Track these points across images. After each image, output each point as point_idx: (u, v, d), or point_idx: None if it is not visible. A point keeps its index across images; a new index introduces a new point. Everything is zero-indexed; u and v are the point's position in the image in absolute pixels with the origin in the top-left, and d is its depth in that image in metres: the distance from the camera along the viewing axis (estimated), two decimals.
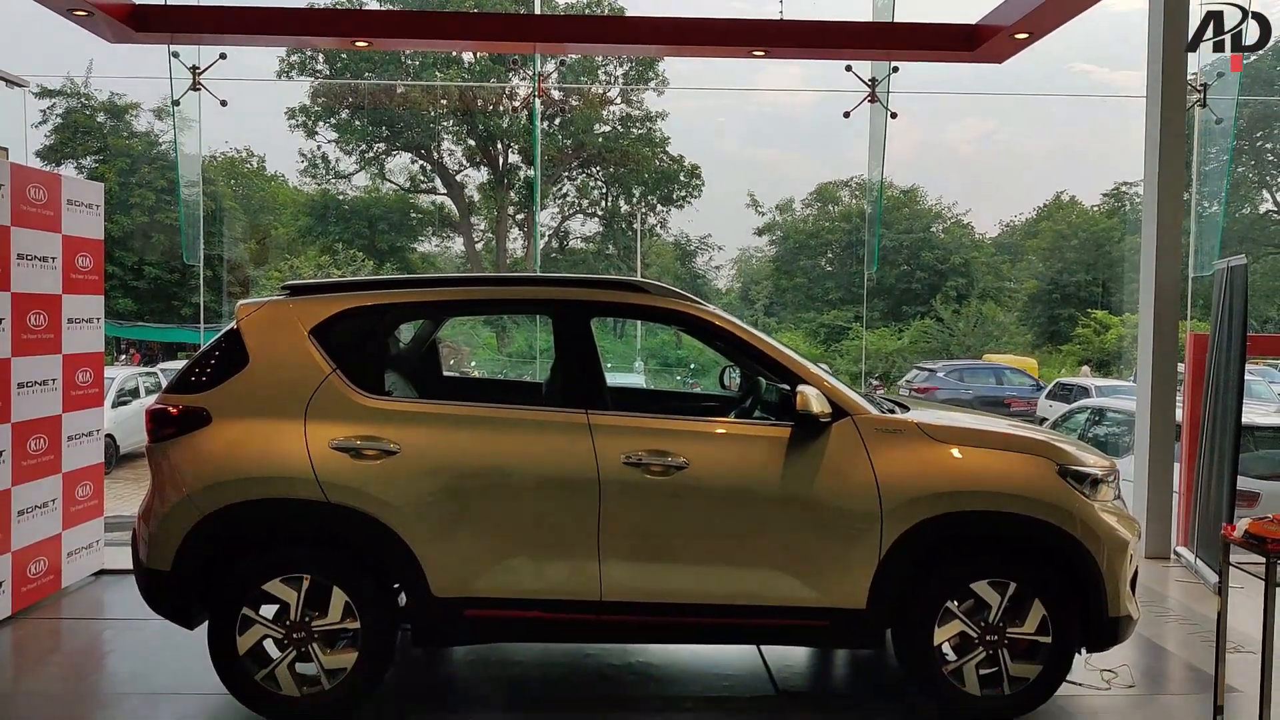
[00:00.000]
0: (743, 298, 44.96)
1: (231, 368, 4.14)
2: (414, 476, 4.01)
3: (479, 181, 37.68)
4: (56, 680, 4.69)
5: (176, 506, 4.00)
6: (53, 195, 5.80)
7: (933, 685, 4.12)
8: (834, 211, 41.99)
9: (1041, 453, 4.21)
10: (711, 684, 4.63)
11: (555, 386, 4.41)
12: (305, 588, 4.01)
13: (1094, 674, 4.72)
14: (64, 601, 5.89)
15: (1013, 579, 4.07)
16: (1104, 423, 11.17)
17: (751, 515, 4.07)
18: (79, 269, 6.06)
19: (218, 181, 32.11)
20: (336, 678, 4.04)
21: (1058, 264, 38.21)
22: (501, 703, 4.42)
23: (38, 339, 5.65)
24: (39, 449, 5.70)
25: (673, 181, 38.91)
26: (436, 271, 37.16)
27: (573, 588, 4.05)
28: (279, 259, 33.56)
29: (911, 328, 36.15)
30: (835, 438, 4.11)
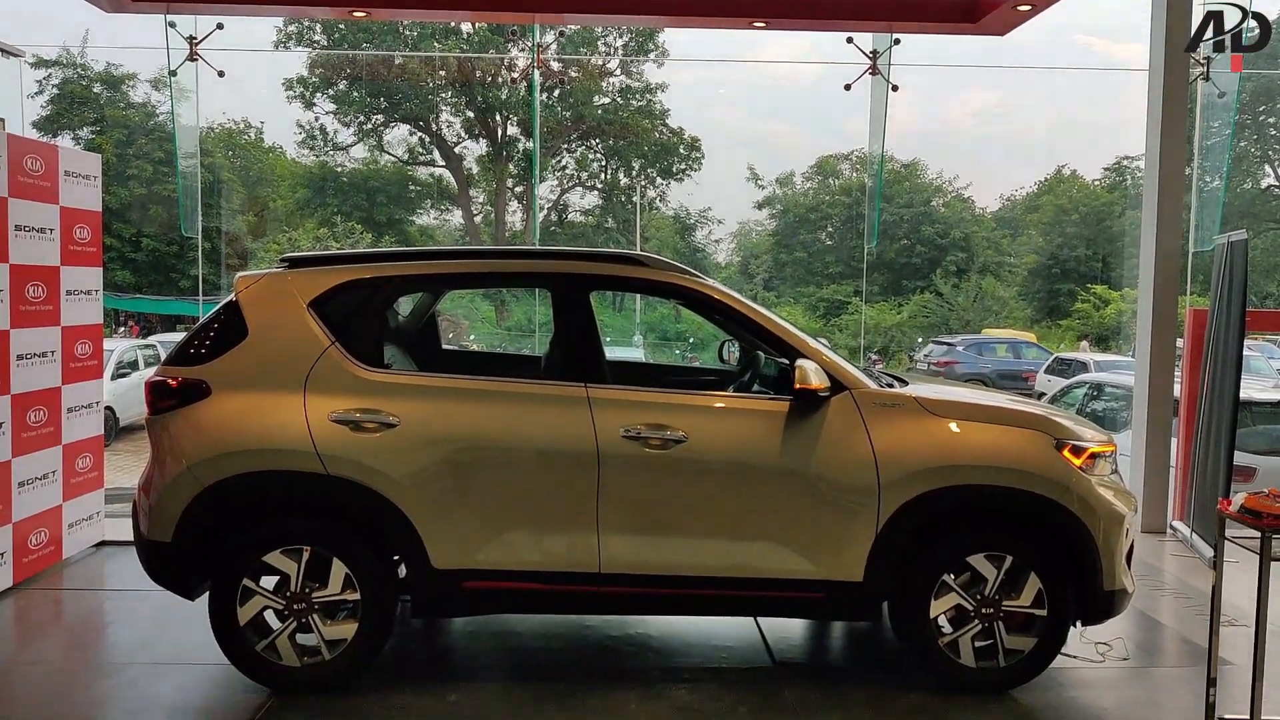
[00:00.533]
0: (742, 271, 44.88)
1: (230, 340, 4.14)
2: (413, 449, 4.02)
3: (478, 154, 37.49)
4: (58, 650, 4.73)
5: (176, 478, 4.01)
6: (50, 166, 5.77)
7: (929, 657, 4.15)
8: (834, 185, 41.82)
9: (1038, 427, 4.22)
10: (709, 655, 4.67)
11: (554, 360, 4.41)
12: (305, 559, 4.03)
13: (1089, 647, 4.76)
14: (65, 572, 5.92)
15: (1009, 552, 4.10)
16: (1102, 397, 11.20)
17: (750, 489, 4.08)
18: (77, 241, 6.04)
19: (215, 153, 31.93)
20: (337, 648, 4.07)
21: (1058, 238, 38.13)
22: (501, 673, 4.45)
23: (36, 311, 5.64)
24: (39, 421, 5.70)
25: (672, 154, 38.71)
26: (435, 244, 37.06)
27: (572, 560, 4.08)
28: (277, 231, 33.45)
29: (911, 302, 36.12)
30: (833, 412, 4.12)
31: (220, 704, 4.01)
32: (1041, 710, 4.06)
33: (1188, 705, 4.13)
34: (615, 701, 4.09)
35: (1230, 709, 3.98)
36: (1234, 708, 3.99)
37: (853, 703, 4.10)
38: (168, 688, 4.18)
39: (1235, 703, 4.05)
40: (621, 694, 4.17)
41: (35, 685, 4.27)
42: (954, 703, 4.09)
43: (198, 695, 4.10)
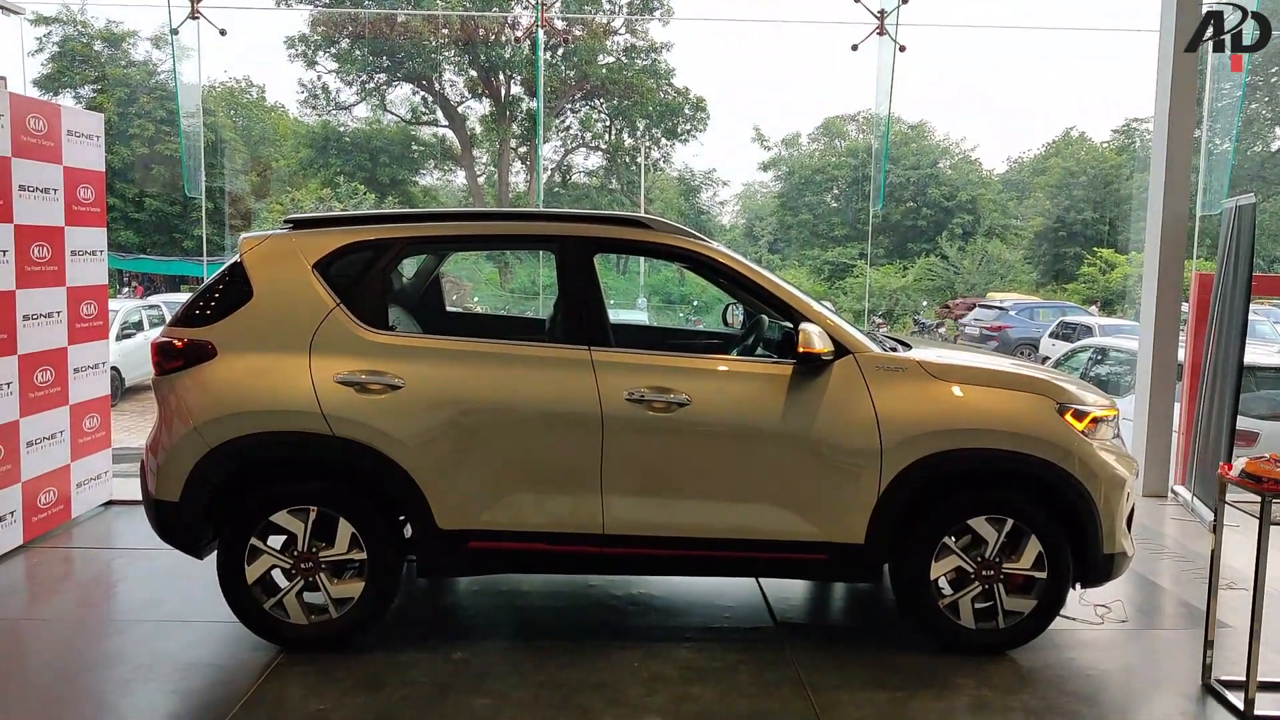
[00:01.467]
0: (747, 234, 44.70)
1: (236, 301, 4.14)
2: (418, 411, 4.04)
3: (481, 114, 37.20)
4: (69, 607, 4.80)
5: (183, 439, 4.04)
6: (53, 126, 5.74)
7: (929, 619, 4.20)
8: (840, 146, 41.50)
9: (1042, 391, 4.23)
10: (711, 615, 4.72)
11: (558, 323, 4.42)
12: (312, 519, 4.07)
13: (1088, 609, 4.81)
14: (74, 531, 5.98)
15: (1010, 515, 4.13)
16: (1106, 362, 11.19)
17: (752, 452, 4.10)
18: (81, 201, 6.03)
19: (217, 112, 31.72)
20: (343, 607, 4.12)
21: (1065, 201, 37.87)
22: (505, 632, 4.51)
23: (41, 271, 5.65)
24: (46, 381, 5.73)
25: (677, 114, 38.39)
26: (438, 205, 36.93)
27: (575, 521, 4.11)
28: (280, 191, 33.32)
29: (916, 265, 35.99)
30: (837, 375, 4.13)
31: (229, 660, 4.07)
32: (1040, 671, 4.11)
33: (1185, 667, 4.18)
34: (618, 660, 4.14)
35: (1227, 670, 4.03)
36: (1230, 669, 4.03)
37: (853, 663, 4.15)
38: (177, 644, 4.24)
39: (1232, 665, 4.10)
40: (624, 653, 4.22)
41: (47, 640, 4.33)
42: (953, 663, 4.14)
43: (207, 651, 4.16)
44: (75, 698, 3.77)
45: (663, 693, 3.83)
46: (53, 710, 3.65)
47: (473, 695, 3.79)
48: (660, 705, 3.72)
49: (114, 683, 3.91)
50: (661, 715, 3.64)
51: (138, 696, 3.76)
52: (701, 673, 4.03)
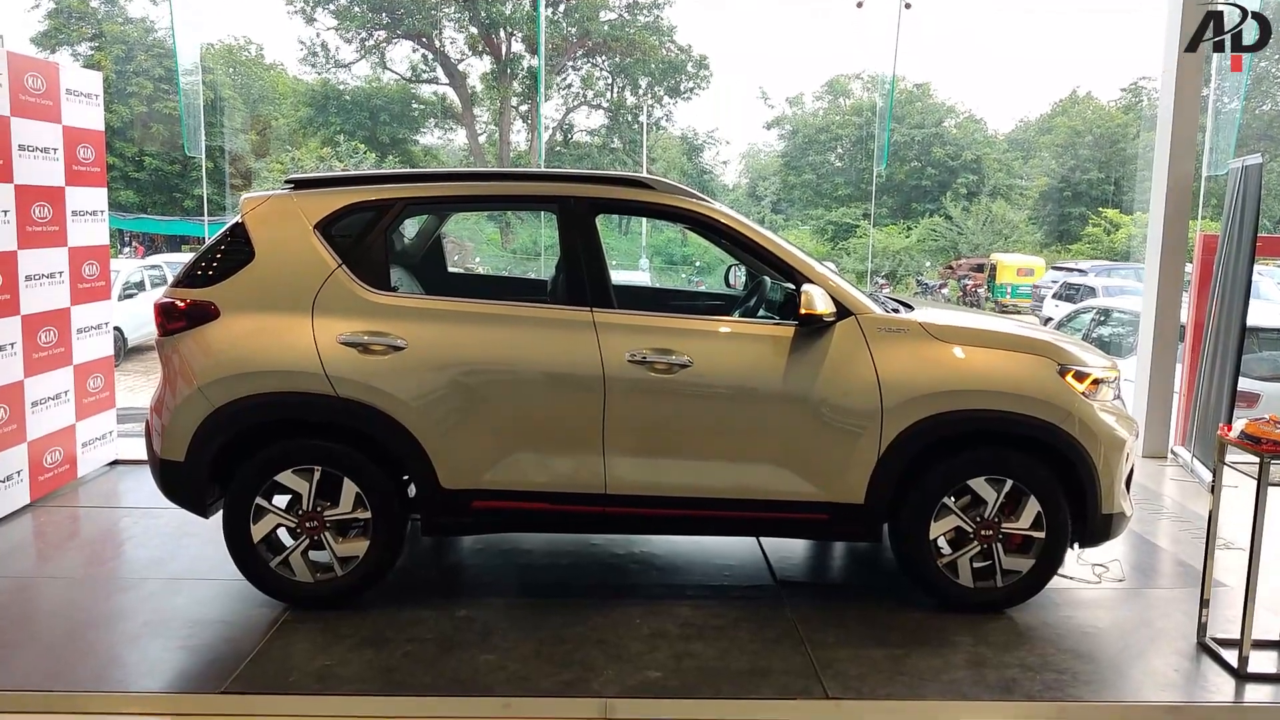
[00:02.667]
0: (750, 194, 44.44)
1: (238, 262, 4.14)
2: (421, 372, 4.05)
3: (481, 71, 36.83)
4: (77, 564, 4.85)
5: (188, 399, 4.06)
6: (51, 85, 5.70)
7: (927, 578, 4.24)
8: (845, 105, 41.11)
9: (1043, 353, 4.23)
10: (712, 574, 4.77)
11: (560, 284, 4.41)
12: (316, 479, 4.10)
13: (1085, 568, 4.86)
14: (80, 490, 6.03)
15: (1009, 476, 4.15)
16: (1109, 323, 11.17)
17: (754, 413, 4.12)
18: (81, 161, 6.00)
19: (216, 70, 31.41)
20: (349, 565, 4.17)
21: (1070, 161, 37.60)
22: (508, 589, 4.56)
23: (43, 231, 5.64)
24: (49, 342, 5.75)
25: (680, 72, 38.00)
26: (439, 165, 36.70)
27: (578, 481, 4.14)
28: (280, 151, 33.12)
29: (920, 225, 35.84)
30: (839, 337, 4.14)
31: (237, 617, 4.13)
32: (1037, 628, 4.16)
33: (1180, 625, 4.23)
34: (619, 615, 4.19)
35: (1222, 629, 4.08)
36: (1225, 628, 4.09)
37: (852, 620, 4.20)
38: (185, 601, 4.30)
39: (1227, 623, 4.15)
40: (626, 609, 4.27)
41: (56, 597, 4.39)
42: (951, 621, 4.19)
43: (214, 608, 4.21)
44: (86, 652, 3.83)
45: (664, 649, 3.89)
46: (64, 664, 3.71)
47: (477, 651, 3.84)
48: (661, 661, 3.78)
49: (123, 638, 3.96)
50: (662, 671, 3.70)
51: (147, 651, 3.82)
52: (702, 629, 4.08)
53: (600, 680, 3.62)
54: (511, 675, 3.65)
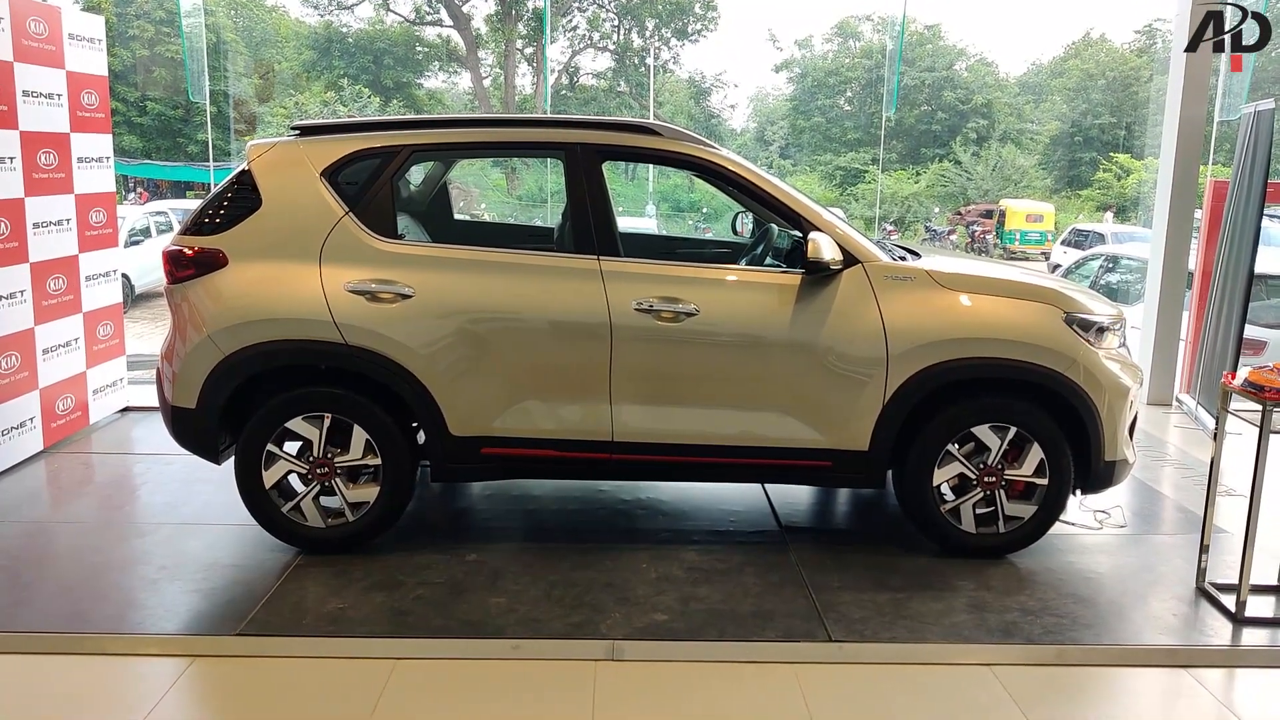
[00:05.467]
0: (758, 138, 43.99)
1: (245, 209, 4.14)
2: (429, 319, 4.07)
3: (486, 13, 36.28)
4: (91, 510, 4.93)
5: (198, 347, 4.08)
6: (53, 29, 5.64)
7: (931, 524, 4.29)
8: (855, 48, 40.47)
9: (1049, 300, 4.23)
10: (718, 519, 4.84)
11: (567, 232, 4.41)
12: (327, 425, 4.14)
13: (1087, 515, 4.90)
14: (93, 437, 6.10)
15: (1013, 423, 4.18)
16: (1117, 270, 11.12)
17: (760, 361, 4.14)
18: (85, 106, 5.97)
19: (217, 13, 30.97)
20: (359, 510, 4.23)
21: (1082, 105, 37.08)
22: (517, 534, 4.63)
23: (49, 178, 5.63)
24: (58, 289, 5.77)
25: (687, 14, 37.39)
26: (444, 109, 36.34)
27: (585, 428, 4.18)
28: (284, 95, 32.79)
29: (929, 171, 35.49)
30: (845, 285, 4.13)
31: (249, 561, 4.20)
32: (1038, 573, 4.22)
33: (1179, 570, 4.28)
34: (627, 560, 4.26)
35: (1221, 575, 4.14)
36: (1224, 573, 4.14)
37: (855, 565, 4.26)
38: (199, 545, 4.37)
39: (1226, 569, 4.20)
40: (633, 554, 4.34)
41: (71, 542, 4.47)
42: (953, 566, 4.25)
43: (228, 553, 4.29)
44: (105, 595, 3.91)
45: (670, 592, 3.96)
46: (84, 607, 3.79)
47: (487, 594, 3.92)
48: (668, 604, 3.85)
49: (140, 582, 4.04)
50: (669, 614, 3.77)
51: (164, 595, 3.90)
52: (708, 573, 4.15)
53: (608, 623, 3.69)
54: (521, 618, 3.72)
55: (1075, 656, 3.55)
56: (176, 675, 3.33)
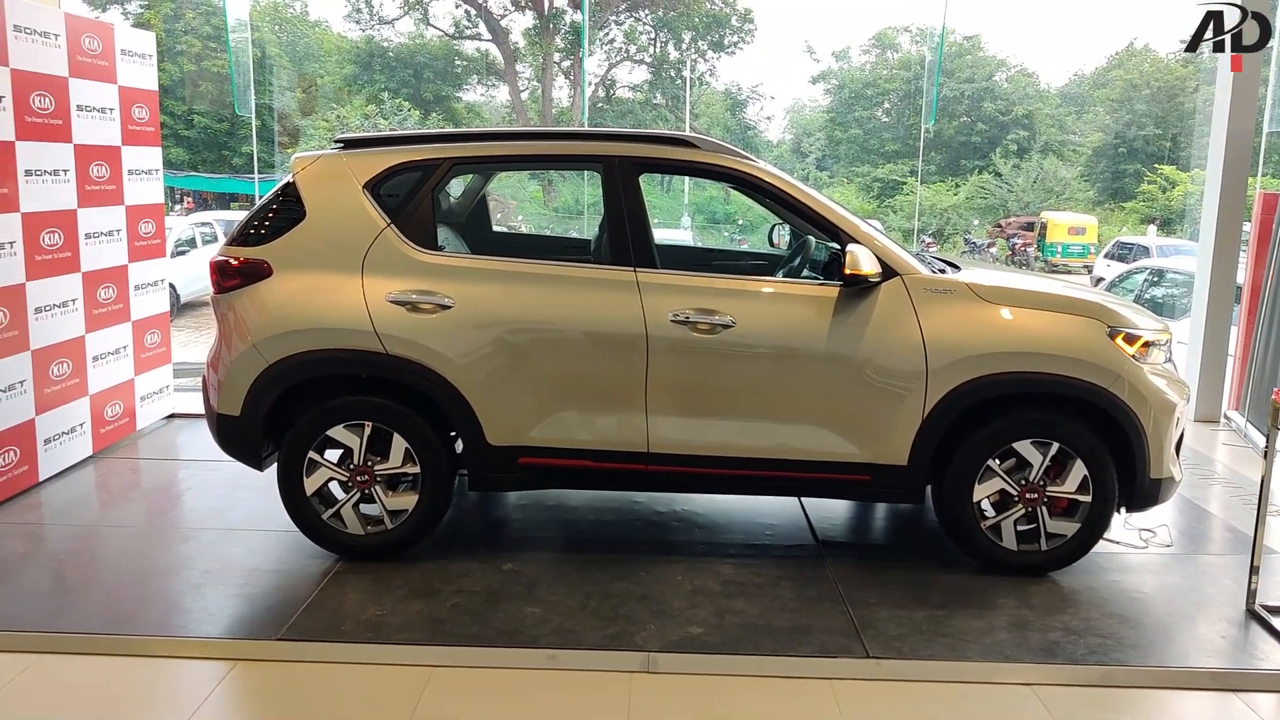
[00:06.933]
0: (794, 150, 43.89)
1: (289, 221, 4.21)
2: (468, 330, 4.11)
3: (524, 27, 36.61)
4: (138, 515, 5.02)
5: (243, 355, 4.15)
6: (107, 45, 5.78)
7: (970, 540, 4.24)
8: (892, 59, 40.28)
9: (1092, 314, 4.17)
10: (754, 532, 4.82)
11: (604, 243, 4.43)
12: (367, 434, 4.19)
13: (1132, 533, 4.82)
14: (139, 443, 6.22)
15: (1056, 439, 4.12)
16: (1163, 284, 10.95)
17: (797, 373, 4.12)
18: (136, 120, 6.10)
19: (262, 28, 31.56)
20: (398, 518, 4.27)
21: (1126, 116, 36.57)
22: (553, 544, 4.64)
23: (101, 190, 5.76)
24: (108, 298, 5.90)
25: (724, 26, 37.46)
26: (482, 122, 36.69)
27: (621, 439, 4.19)
28: (325, 108, 33.30)
29: (968, 183, 35.19)
30: (884, 298, 4.11)
31: (290, 567, 4.26)
32: (1081, 592, 4.15)
33: (1229, 591, 4.19)
34: (662, 572, 4.26)
35: (1272, 596, 4.05)
36: (1275, 595, 4.05)
37: (893, 581, 4.22)
38: (241, 550, 4.44)
39: (1277, 590, 4.11)
40: (668, 566, 4.33)
41: (118, 546, 4.55)
42: (994, 584, 4.19)
43: (269, 559, 4.34)
44: (150, 599, 3.98)
45: (706, 605, 3.94)
46: (129, 610, 3.86)
47: (523, 604, 3.93)
48: (703, 618, 3.84)
49: (184, 586, 4.11)
50: (704, 627, 3.76)
51: (207, 599, 3.96)
52: (744, 587, 4.13)
53: (643, 635, 3.69)
54: (556, 628, 3.73)
55: (1120, 678, 3.48)
56: (219, 678, 3.38)
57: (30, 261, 5.15)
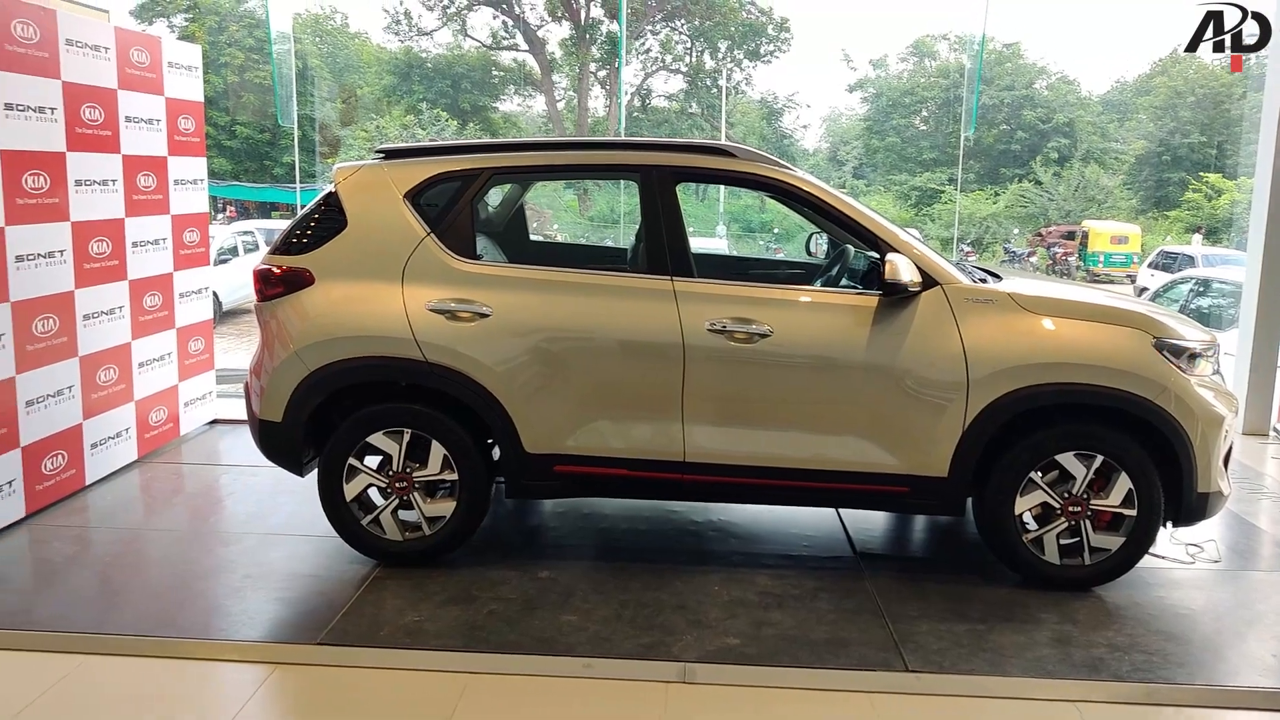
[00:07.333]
0: (831, 158, 43.75)
1: (331, 230, 4.26)
2: (506, 338, 4.13)
3: (560, 37, 36.85)
4: (182, 519, 5.09)
5: (285, 362, 4.20)
6: (154, 58, 5.90)
7: (1012, 554, 4.18)
8: (930, 67, 40.04)
9: (1137, 325, 4.11)
10: (790, 543, 4.79)
11: (641, 252, 4.43)
12: (406, 441, 4.22)
13: (1179, 548, 4.73)
14: (183, 448, 6.31)
15: (1100, 451, 4.05)
16: (1209, 294, 10.74)
17: (835, 383, 4.10)
18: (182, 131, 6.21)
19: (303, 40, 32.07)
20: (436, 524, 4.30)
21: (1170, 123, 36.02)
22: (589, 552, 4.64)
23: (148, 200, 5.87)
24: (154, 306, 6.00)
25: (760, 35, 37.45)
26: (518, 131, 36.96)
27: (657, 448, 4.18)
28: (365, 119, 33.71)
29: (1008, 191, 34.84)
30: (924, 307, 4.07)
31: (330, 572, 4.30)
32: (1126, 608, 4.08)
33: (1279, 608, 4.10)
34: (698, 582, 4.24)
35: None
36: None
37: (933, 594, 4.17)
38: (281, 555, 4.49)
39: None
40: (704, 576, 4.32)
41: (161, 549, 4.62)
42: (1036, 598, 4.13)
43: (308, 563, 4.39)
44: (192, 602, 4.04)
45: (742, 616, 3.92)
46: (172, 612, 3.92)
47: (559, 611, 3.93)
48: (740, 628, 3.81)
49: (225, 589, 4.16)
50: (741, 638, 3.73)
51: (248, 603, 4.01)
52: (781, 599, 4.11)
53: (679, 645, 3.68)
54: (592, 636, 3.73)
55: (1166, 696, 3.41)
56: (259, 682, 3.42)
57: (79, 269, 5.26)
